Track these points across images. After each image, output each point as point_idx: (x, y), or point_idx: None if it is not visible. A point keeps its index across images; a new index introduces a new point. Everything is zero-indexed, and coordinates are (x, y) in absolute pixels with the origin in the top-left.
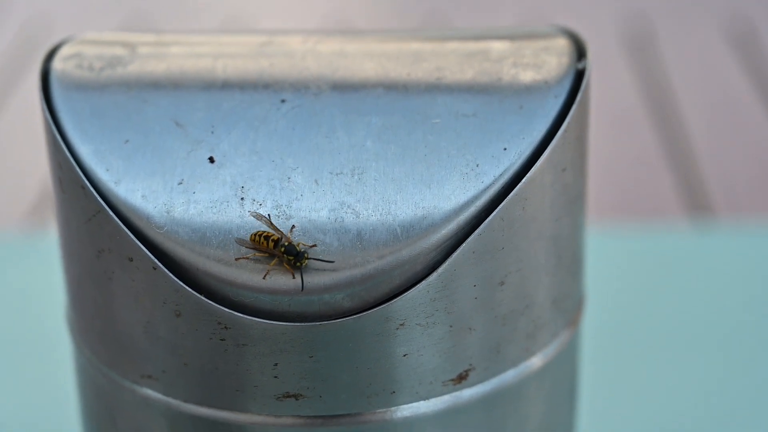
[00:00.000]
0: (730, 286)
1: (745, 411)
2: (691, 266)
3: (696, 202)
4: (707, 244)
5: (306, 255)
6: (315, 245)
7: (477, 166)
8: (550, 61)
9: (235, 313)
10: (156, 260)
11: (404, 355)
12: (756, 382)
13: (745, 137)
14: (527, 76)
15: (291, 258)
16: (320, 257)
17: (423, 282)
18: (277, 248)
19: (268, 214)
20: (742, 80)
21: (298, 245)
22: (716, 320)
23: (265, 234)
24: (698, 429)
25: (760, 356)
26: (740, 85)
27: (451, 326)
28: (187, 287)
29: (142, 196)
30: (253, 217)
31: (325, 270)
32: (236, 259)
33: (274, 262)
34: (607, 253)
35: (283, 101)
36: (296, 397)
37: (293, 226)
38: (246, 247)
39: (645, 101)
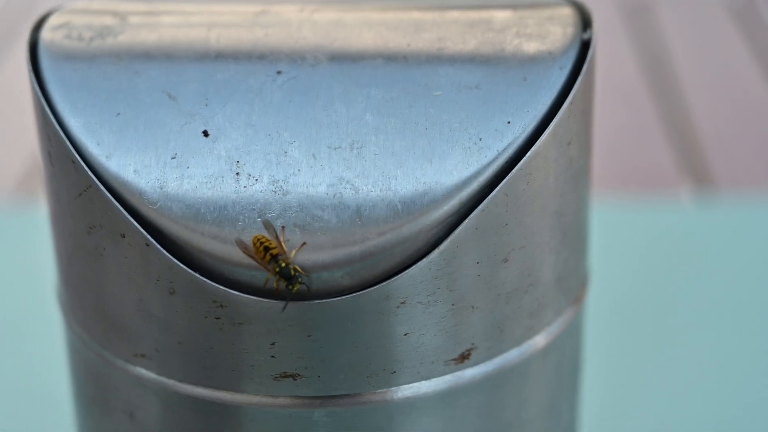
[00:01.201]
0: (734, 260)
1: (749, 387)
2: (694, 241)
3: (696, 173)
4: (709, 218)
5: (298, 281)
6: (309, 275)
7: (480, 139)
8: (555, 31)
9: (231, 291)
10: (149, 236)
11: (405, 334)
12: (760, 356)
13: (745, 107)
14: (531, 47)
15: (284, 281)
16: (310, 289)
17: (424, 259)
18: (272, 264)
19: (282, 226)
20: (742, 50)
21: (293, 269)
22: (720, 296)
23: (266, 244)
24: (703, 408)
25: (762, 330)
26: (740, 56)
27: (453, 304)
28: (181, 264)
29: (134, 171)
30: (264, 225)
31: (323, 247)
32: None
33: (269, 276)
34: (606, 229)
35: (279, 73)
36: (294, 377)
37: (303, 243)
38: (245, 252)
39: (643, 72)
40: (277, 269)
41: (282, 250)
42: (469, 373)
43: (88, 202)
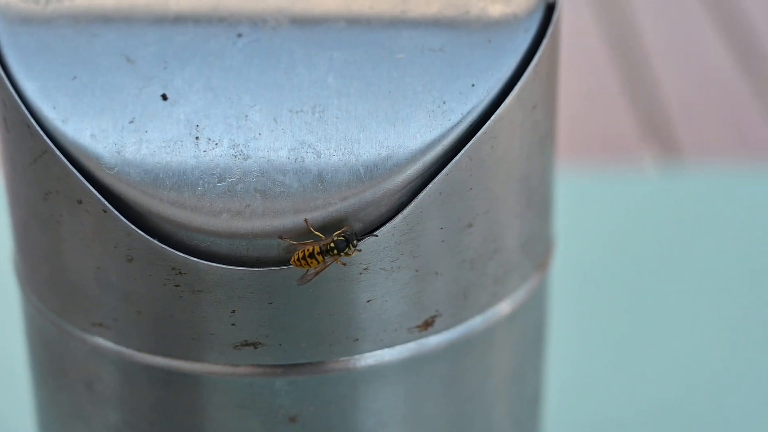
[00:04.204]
0: (698, 229)
1: (713, 355)
2: (658, 209)
3: (661, 141)
4: (673, 185)
5: (355, 234)
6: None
7: (444, 103)
8: None
9: (190, 257)
10: (106, 203)
11: (368, 301)
12: (721, 322)
13: (710, 74)
14: (496, 9)
15: (349, 247)
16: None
17: (387, 224)
18: (329, 254)
19: (305, 219)
20: (707, 17)
21: (341, 239)
22: (684, 265)
23: (309, 251)
24: (668, 376)
25: (724, 297)
26: (705, 22)
27: (416, 271)
28: (139, 231)
29: (91, 136)
30: (290, 248)
31: (285, 212)
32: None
33: (329, 263)
34: (569, 197)
35: (239, 35)
36: (255, 345)
37: (305, 220)
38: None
39: (608, 39)
40: (335, 252)
41: (318, 239)
42: (433, 340)
43: (44, 168)
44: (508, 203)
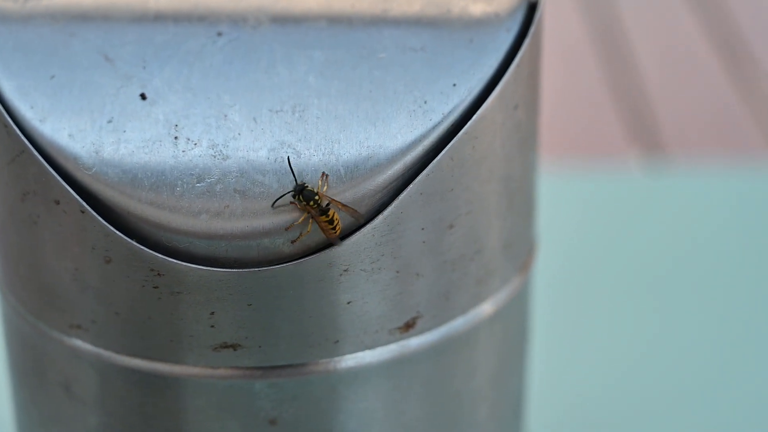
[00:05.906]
0: (683, 229)
1: (696, 354)
2: (643, 209)
3: (646, 140)
4: (658, 185)
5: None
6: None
7: (425, 102)
8: None
9: (169, 258)
10: (84, 203)
11: (348, 303)
12: (704, 322)
13: (695, 74)
14: (478, 9)
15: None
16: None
17: (368, 225)
18: (312, 205)
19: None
20: (692, 16)
21: (319, 204)
22: (668, 265)
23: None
24: (651, 377)
25: (709, 297)
26: (690, 22)
27: (397, 272)
28: (117, 232)
29: (69, 135)
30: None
31: (264, 213)
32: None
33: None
34: (553, 197)
35: (219, 34)
36: (234, 347)
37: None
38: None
39: (593, 37)
40: (312, 202)
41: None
42: (415, 342)
43: (21, 168)
44: (490, 204)
